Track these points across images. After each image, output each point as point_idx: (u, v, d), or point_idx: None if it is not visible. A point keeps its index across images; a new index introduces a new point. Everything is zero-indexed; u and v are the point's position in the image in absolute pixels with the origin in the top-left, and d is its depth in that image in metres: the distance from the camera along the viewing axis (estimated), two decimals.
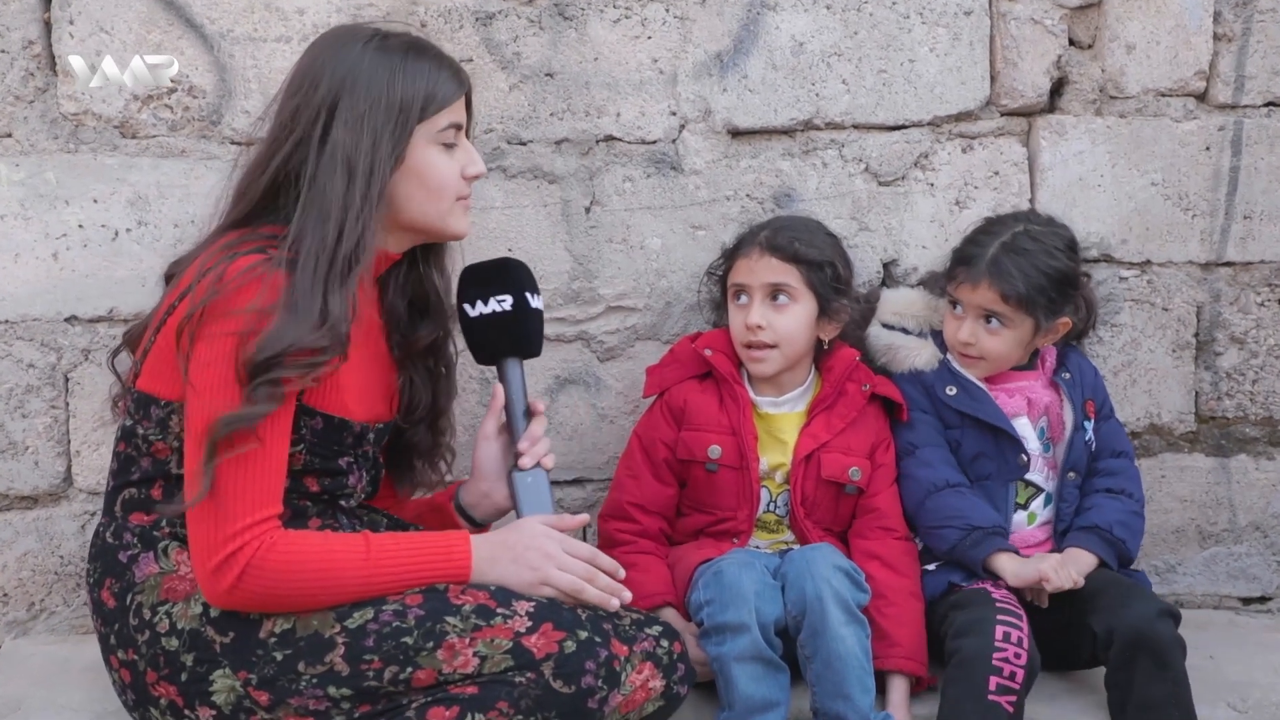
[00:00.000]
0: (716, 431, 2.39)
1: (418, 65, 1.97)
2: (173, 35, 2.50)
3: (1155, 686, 2.14)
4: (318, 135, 1.91)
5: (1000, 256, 2.36)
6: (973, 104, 2.66)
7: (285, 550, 1.82)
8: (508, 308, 2.12)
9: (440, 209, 2.02)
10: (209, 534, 1.80)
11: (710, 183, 2.63)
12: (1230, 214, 2.71)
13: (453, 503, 2.21)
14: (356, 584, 1.86)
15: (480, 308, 2.12)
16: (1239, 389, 2.76)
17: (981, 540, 2.32)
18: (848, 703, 2.10)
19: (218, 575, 1.80)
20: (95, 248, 2.53)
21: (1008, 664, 2.12)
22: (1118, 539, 2.38)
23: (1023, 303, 2.35)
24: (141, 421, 1.93)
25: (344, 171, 1.89)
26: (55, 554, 2.60)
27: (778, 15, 2.60)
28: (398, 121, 1.93)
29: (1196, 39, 2.67)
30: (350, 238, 1.87)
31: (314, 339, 1.82)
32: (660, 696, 1.93)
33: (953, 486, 2.39)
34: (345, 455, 1.99)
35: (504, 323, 2.12)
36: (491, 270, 2.16)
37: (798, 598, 2.14)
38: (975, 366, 2.44)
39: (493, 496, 2.17)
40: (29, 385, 2.55)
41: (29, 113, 2.51)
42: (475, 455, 2.18)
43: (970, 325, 2.40)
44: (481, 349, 2.16)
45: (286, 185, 1.93)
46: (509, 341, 2.14)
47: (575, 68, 2.58)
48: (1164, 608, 2.22)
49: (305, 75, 1.97)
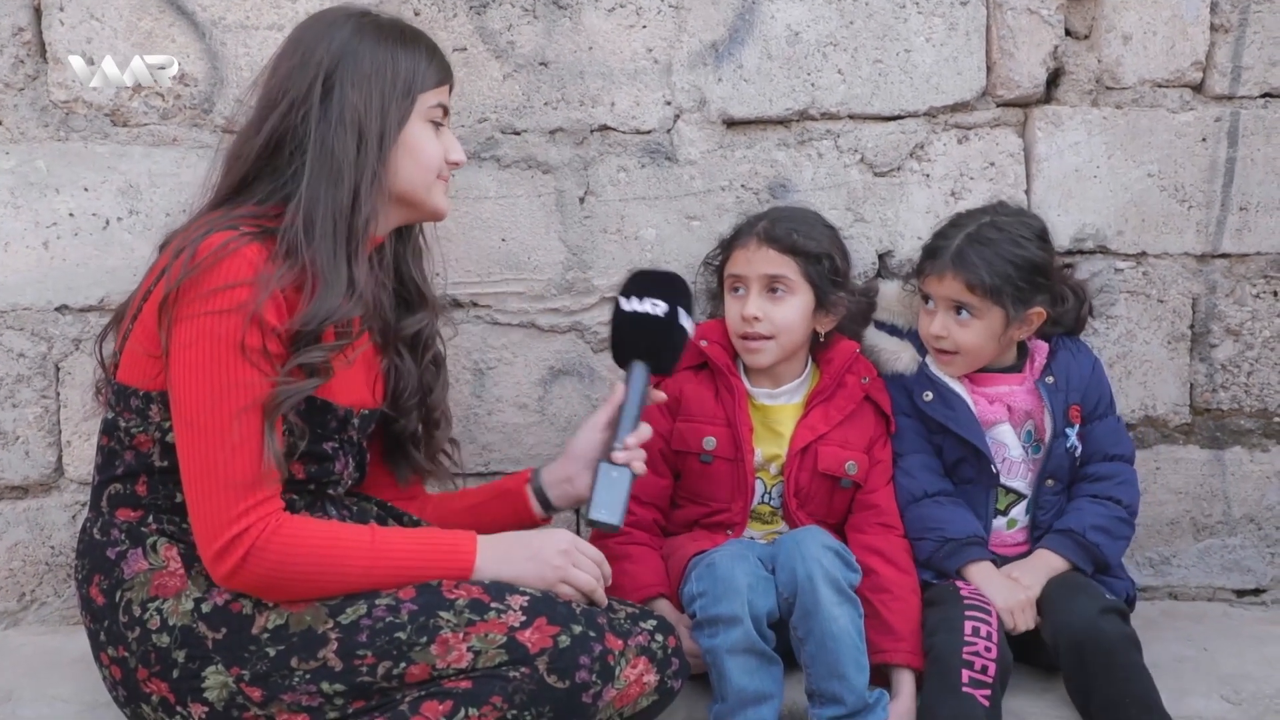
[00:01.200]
0: (711, 423, 2.38)
1: (413, 41, 2.00)
2: (164, 23, 2.49)
3: (1110, 686, 2.13)
4: (318, 96, 1.90)
5: (965, 247, 2.36)
6: (969, 94, 2.65)
7: (290, 534, 1.82)
8: (660, 313, 2.15)
9: (427, 180, 2.02)
10: (213, 515, 1.80)
11: (705, 173, 2.62)
12: (1226, 205, 2.70)
13: (529, 484, 2.21)
14: (359, 572, 1.85)
15: (635, 304, 2.16)
16: (1234, 381, 2.76)
17: (955, 551, 2.35)
18: (843, 682, 2.09)
19: (222, 557, 1.79)
20: (86, 236, 2.52)
21: (978, 658, 2.14)
22: (1091, 543, 2.37)
23: (989, 291, 2.34)
24: (122, 413, 1.92)
25: (354, 133, 1.90)
26: (46, 544, 2.59)
27: (773, 4, 2.59)
28: (403, 86, 1.95)
29: (1193, 30, 2.66)
30: (366, 203, 1.89)
31: (348, 309, 1.85)
32: (654, 691, 1.93)
33: (931, 496, 2.40)
34: (330, 440, 1.98)
35: (649, 325, 2.16)
36: (658, 276, 2.22)
37: (789, 579, 2.13)
38: (951, 364, 2.43)
39: (575, 482, 2.18)
40: (19, 375, 2.54)
41: (19, 100, 2.50)
42: (576, 439, 2.19)
43: (941, 318, 2.39)
44: (619, 346, 2.19)
45: (281, 148, 1.92)
46: (646, 345, 2.17)
47: (570, 57, 2.57)
48: (1106, 605, 2.22)
49: (298, 43, 1.97)
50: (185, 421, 1.81)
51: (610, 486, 2.07)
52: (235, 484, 1.80)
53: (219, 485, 1.79)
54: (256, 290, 1.80)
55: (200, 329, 1.80)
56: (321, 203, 1.87)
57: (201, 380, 1.79)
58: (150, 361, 1.87)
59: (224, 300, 1.79)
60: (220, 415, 1.79)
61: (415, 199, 2.03)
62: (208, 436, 1.80)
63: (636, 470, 2.09)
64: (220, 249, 1.80)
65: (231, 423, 1.79)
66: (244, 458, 1.80)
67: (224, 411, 1.79)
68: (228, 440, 1.79)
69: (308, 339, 1.84)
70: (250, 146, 1.94)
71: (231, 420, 1.79)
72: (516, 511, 2.19)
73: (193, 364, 1.80)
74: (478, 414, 2.64)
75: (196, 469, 1.81)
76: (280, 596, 1.84)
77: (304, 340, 1.84)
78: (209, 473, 1.80)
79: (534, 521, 2.20)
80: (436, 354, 2.22)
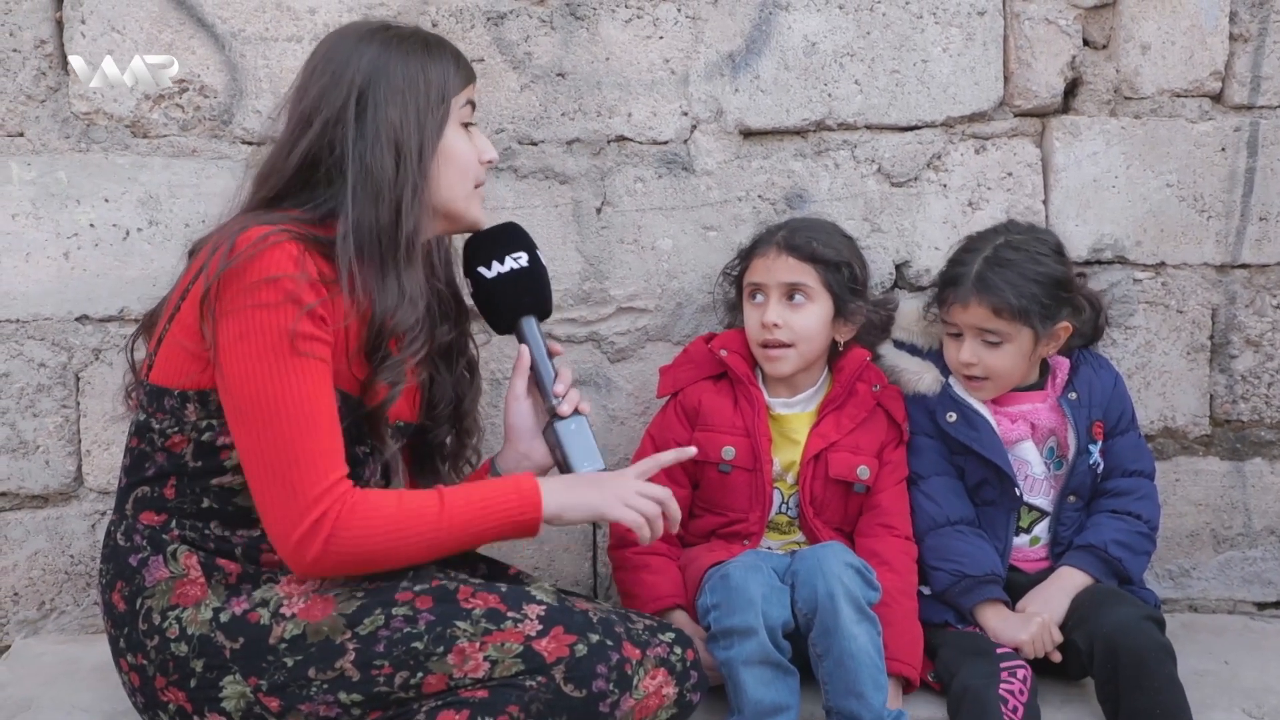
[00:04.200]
0: (730, 433, 2.38)
1: (438, 49, 2.01)
2: (184, 35, 2.50)
3: (1139, 697, 2.11)
4: (352, 114, 1.91)
5: (985, 272, 2.34)
6: (986, 104, 2.65)
7: (366, 509, 1.82)
8: (525, 263, 2.11)
9: (466, 189, 2.03)
10: (288, 504, 1.80)
11: (722, 183, 2.62)
12: (1246, 215, 2.69)
13: (490, 474, 2.19)
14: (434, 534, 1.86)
15: (498, 267, 2.10)
16: (1254, 392, 2.75)
17: (971, 589, 2.34)
18: (861, 701, 2.09)
19: (304, 544, 1.79)
20: (106, 247, 2.53)
21: (1012, 697, 2.14)
22: (1113, 557, 2.36)
23: (1016, 314, 2.31)
24: (155, 415, 1.92)
25: (391, 149, 1.91)
26: (65, 553, 2.61)
27: (790, 15, 2.59)
28: (435, 96, 1.96)
29: (1212, 39, 2.65)
30: (410, 217, 1.91)
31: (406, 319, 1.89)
32: (673, 704, 1.91)
33: (954, 524, 2.39)
34: (363, 444, 1.98)
35: (524, 279, 2.11)
36: (498, 232, 2.15)
37: (809, 596, 2.13)
38: (982, 389, 2.41)
39: (532, 456, 2.15)
40: (40, 385, 2.56)
41: (40, 112, 2.52)
42: (507, 418, 2.16)
43: (970, 345, 2.37)
44: (500, 313, 2.13)
45: (316, 167, 1.93)
46: (530, 298, 2.13)
47: (587, 68, 2.58)
48: (1143, 613, 2.20)
49: (327, 60, 1.98)
50: (247, 415, 1.81)
51: (574, 438, 2.06)
52: (307, 470, 1.80)
53: (291, 474, 1.79)
54: (301, 281, 1.81)
55: (251, 321, 1.80)
56: (367, 220, 1.89)
57: (261, 372, 1.80)
58: (190, 360, 1.87)
59: (271, 292, 1.79)
60: (285, 404, 1.80)
61: (454, 210, 2.03)
62: (273, 428, 1.80)
63: (585, 410, 2.09)
64: (260, 241, 1.81)
65: (297, 411, 1.80)
66: (314, 444, 1.81)
67: (289, 400, 1.80)
68: (296, 428, 1.80)
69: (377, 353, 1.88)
70: (284, 165, 1.95)
71: (297, 408, 1.80)
72: None
73: (248, 356, 1.80)
74: (495, 423, 2.63)
75: (266, 461, 1.81)
76: (362, 571, 1.85)
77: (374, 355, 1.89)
78: (280, 463, 1.80)
79: None
80: (470, 359, 2.22)
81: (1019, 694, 2.15)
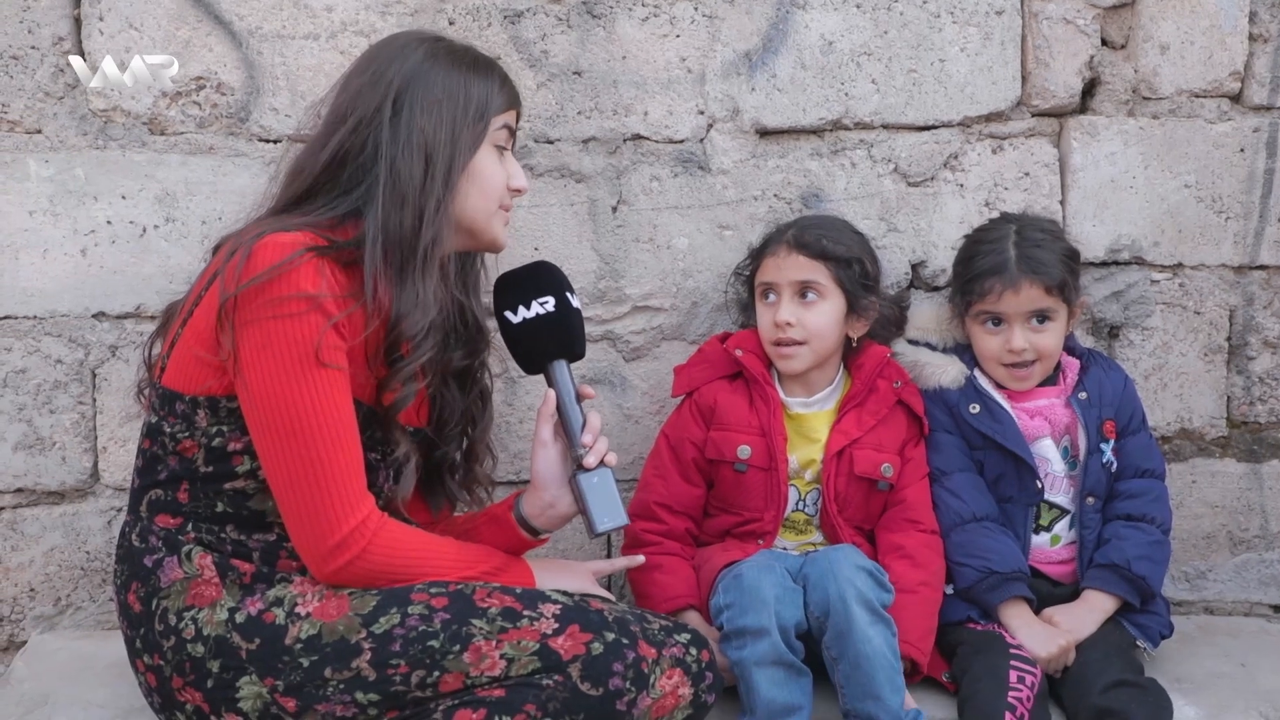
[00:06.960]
0: (746, 432, 2.38)
1: (486, 68, 2.01)
2: (201, 32, 2.51)
3: None
4: (387, 115, 1.91)
5: (1027, 253, 2.36)
6: (1003, 104, 2.64)
7: (391, 536, 1.88)
8: (551, 309, 2.07)
9: (489, 209, 2.02)
10: (322, 514, 1.83)
11: (738, 182, 2.62)
12: (1264, 216, 2.68)
13: (513, 513, 2.13)
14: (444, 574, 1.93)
15: (524, 313, 2.07)
16: (1272, 394, 2.73)
17: (998, 585, 2.33)
18: (878, 703, 2.08)
19: (335, 553, 1.84)
20: (123, 244, 2.54)
21: (1020, 704, 2.13)
22: (1138, 575, 2.35)
23: (1062, 289, 2.37)
24: (167, 418, 1.92)
25: (421, 157, 1.91)
26: (81, 549, 2.61)
27: (807, 14, 2.58)
28: (474, 113, 1.96)
29: (1231, 39, 2.64)
30: (430, 228, 1.91)
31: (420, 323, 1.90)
32: (689, 705, 1.91)
33: (979, 520, 2.38)
34: (374, 451, 1.98)
35: (550, 325, 2.08)
36: (527, 275, 2.12)
37: (821, 599, 2.13)
38: (1031, 375, 2.41)
39: (558, 506, 2.08)
40: (57, 381, 2.56)
41: (58, 109, 2.52)
42: (534, 464, 2.09)
43: (1019, 332, 2.37)
44: (529, 356, 2.10)
45: (345, 164, 1.93)
46: (556, 343, 2.08)
47: (603, 66, 2.57)
48: (1116, 679, 2.18)
49: (370, 61, 1.99)
50: (275, 425, 1.82)
51: (597, 492, 2.03)
52: (341, 481, 1.83)
53: (324, 484, 1.82)
54: (322, 291, 1.82)
55: (273, 331, 1.80)
56: (391, 223, 1.89)
57: (287, 383, 1.80)
58: (201, 366, 1.87)
59: (296, 302, 1.80)
60: (311, 415, 1.81)
61: (476, 227, 2.03)
62: (304, 439, 1.81)
63: (610, 463, 2.06)
64: (283, 263, 1.81)
65: (323, 422, 1.81)
66: (345, 455, 1.84)
67: (314, 410, 1.81)
68: (327, 439, 1.82)
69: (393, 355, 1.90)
70: (315, 161, 1.95)
71: (326, 419, 1.81)
72: (508, 537, 2.13)
73: (272, 366, 1.81)
74: (509, 422, 2.64)
75: (297, 472, 1.82)
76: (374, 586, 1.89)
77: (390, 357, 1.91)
78: (312, 473, 1.82)
79: (527, 545, 2.15)
80: (484, 389, 2.21)
81: (1025, 701, 2.14)
